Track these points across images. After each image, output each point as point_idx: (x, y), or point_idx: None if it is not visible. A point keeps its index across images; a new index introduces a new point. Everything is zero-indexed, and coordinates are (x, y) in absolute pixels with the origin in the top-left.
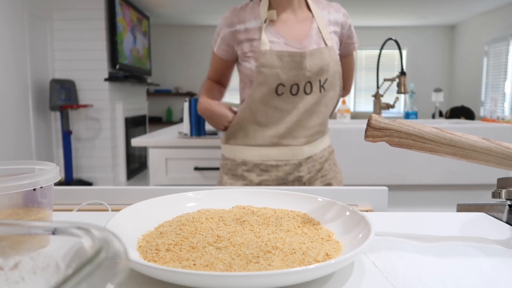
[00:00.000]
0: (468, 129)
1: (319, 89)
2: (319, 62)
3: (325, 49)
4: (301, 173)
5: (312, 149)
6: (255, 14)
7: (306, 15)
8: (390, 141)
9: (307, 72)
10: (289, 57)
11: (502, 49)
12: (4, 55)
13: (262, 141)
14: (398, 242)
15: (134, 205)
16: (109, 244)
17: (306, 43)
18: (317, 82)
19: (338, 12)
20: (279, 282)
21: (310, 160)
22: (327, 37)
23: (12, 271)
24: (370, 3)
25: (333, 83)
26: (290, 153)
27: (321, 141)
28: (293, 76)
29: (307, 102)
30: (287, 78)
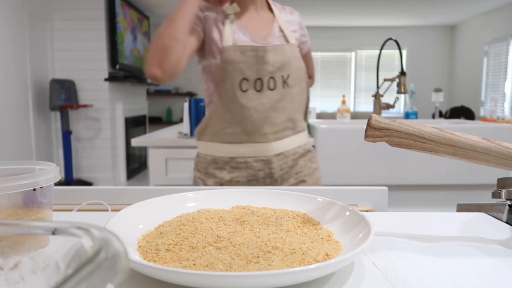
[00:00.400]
0: (468, 129)
1: (282, 85)
2: (281, 58)
3: (287, 45)
4: (272, 170)
5: (282, 146)
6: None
7: (268, 15)
8: (390, 141)
9: (270, 66)
10: (252, 52)
11: (502, 49)
12: (4, 55)
13: (230, 138)
14: (398, 242)
15: (134, 205)
16: (109, 244)
17: (269, 40)
18: (279, 78)
19: (293, 14)
20: (279, 282)
21: (281, 156)
22: (289, 35)
23: (12, 271)
24: (370, 3)
25: (296, 79)
26: (259, 150)
27: (294, 138)
28: (256, 70)
29: (271, 98)
30: (251, 73)
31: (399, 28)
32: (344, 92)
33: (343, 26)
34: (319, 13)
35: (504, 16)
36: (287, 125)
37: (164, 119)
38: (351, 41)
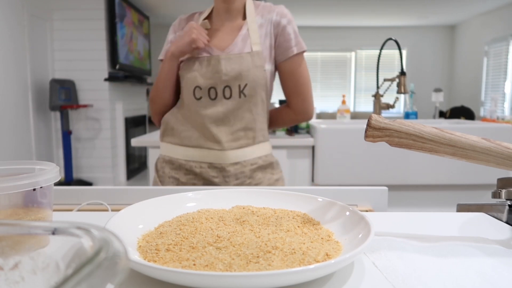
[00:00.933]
0: (468, 129)
1: (239, 94)
2: (237, 67)
3: (247, 54)
4: (227, 179)
5: (239, 155)
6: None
7: (239, 23)
8: (390, 141)
9: (224, 75)
10: (206, 61)
11: (502, 49)
12: (4, 55)
13: (187, 141)
14: (398, 242)
15: (134, 205)
16: (109, 244)
17: (228, 51)
18: (236, 87)
19: (271, 12)
20: (279, 282)
21: (238, 166)
22: (255, 41)
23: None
24: (370, 3)
25: (255, 89)
26: (213, 156)
27: (253, 148)
28: (210, 79)
29: (226, 106)
30: (204, 81)
31: (399, 28)
32: (344, 92)
33: (343, 26)
34: (319, 13)
35: (504, 16)
36: (245, 134)
37: None
38: (351, 41)
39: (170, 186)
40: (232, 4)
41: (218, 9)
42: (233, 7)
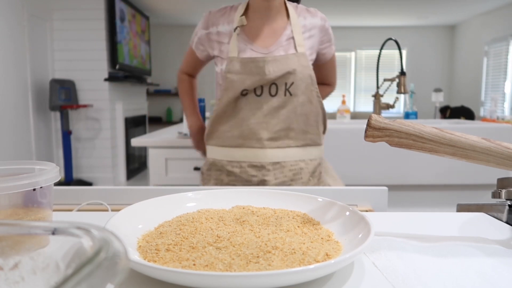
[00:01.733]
0: (468, 129)
1: (284, 92)
2: (283, 67)
3: (293, 55)
4: (266, 177)
5: (279, 154)
6: (229, 18)
7: (282, 22)
8: (390, 141)
9: (270, 75)
10: (252, 63)
11: (502, 49)
12: (4, 55)
13: (229, 141)
14: (398, 242)
15: (134, 205)
16: (109, 244)
17: (273, 49)
18: (283, 85)
19: (315, 16)
20: (279, 282)
21: (277, 166)
22: (299, 43)
23: (12, 271)
24: (370, 3)
25: (301, 88)
26: (253, 155)
27: (296, 150)
28: (257, 81)
29: (271, 104)
30: (251, 83)
31: (399, 28)
32: (344, 92)
33: (343, 26)
34: None
35: (504, 16)
36: (286, 134)
37: (164, 119)
38: (351, 41)
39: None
40: (273, 2)
41: (258, 7)
42: (273, 5)
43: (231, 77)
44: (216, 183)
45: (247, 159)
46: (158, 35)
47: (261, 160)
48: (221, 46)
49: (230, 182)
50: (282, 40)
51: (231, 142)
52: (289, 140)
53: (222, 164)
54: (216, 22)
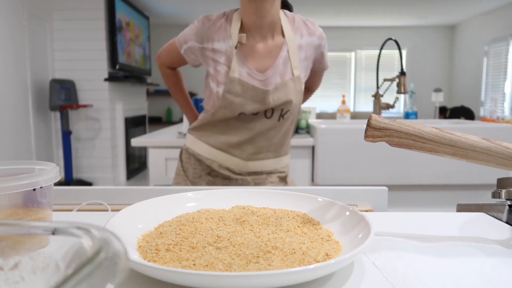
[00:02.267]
0: (468, 129)
1: (279, 117)
2: (283, 96)
3: (290, 80)
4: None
5: (257, 165)
6: (226, 34)
7: (277, 41)
8: (390, 141)
9: (270, 104)
10: (253, 91)
11: (502, 49)
12: (4, 55)
13: (214, 143)
14: (398, 242)
15: (134, 205)
16: (109, 244)
17: (269, 75)
18: (279, 111)
19: (312, 35)
20: (279, 282)
21: (255, 175)
22: (295, 65)
23: (12, 271)
24: (370, 3)
25: (293, 113)
26: (234, 163)
27: (273, 161)
28: (256, 108)
29: (263, 125)
30: (251, 109)
31: (399, 28)
32: (344, 92)
33: (343, 26)
34: (319, 13)
35: (504, 16)
36: (269, 150)
37: (164, 119)
38: (351, 41)
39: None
40: (265, 19)
41: (250, 24)
42: (265, 22)
43: (231, 98)
44: (195, 172)
45: (227, 165)
46: (158, 35)
47: (241, 169)
48: (216, 66)
49: (210, 173)
50: (278, 63)
51: (215, 144)
52: (268, 153)
53: (201, 159)
54: (211, 38)
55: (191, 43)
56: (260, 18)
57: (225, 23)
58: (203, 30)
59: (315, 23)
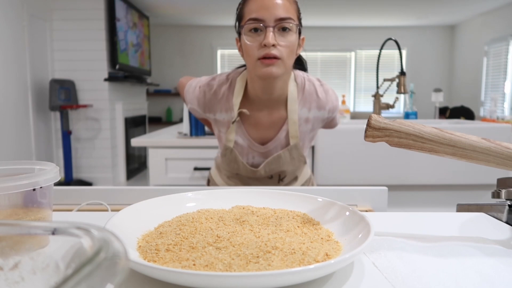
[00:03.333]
0: (468, 129)
1: (278, 180)
2: (275, 168)
3: (285, 151)
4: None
5: None
6: (228, 105)
7: (281, 115)
8: (390, 141)
9: (262, 175)
10: (243, 165)
11: (502, 49)
12: (4, 55)
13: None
14: (398, 242)
15: (134, 205)
16: (109, 244)
17: (270, 147)
18: (276, 176)
19: (322, 109)
20: (279, 282)
21: None
22: (293, 135)
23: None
24: (370, 3)
25: (292, 175)
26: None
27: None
28: (250, 177)
29: (265, 183)
30: (245, 175)
31: (399, 28)
32: (344, 92)
33: (343, 26)
34: (319, 13)
35: (504, 16)
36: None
37: (163, 119)
38: (351, 41)
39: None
40: (272, 95)
41: (256, 96)
42: (272, 98)
43: (226, 161)
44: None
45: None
46: (158, 35)
47: None
48: (219, 132)
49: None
50: (280, 136)
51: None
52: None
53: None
54: (213, 109)
55: (194, 107)
56: (267, 95)
57: (228, 92)
58: (205, 101)
59: (329, 90)
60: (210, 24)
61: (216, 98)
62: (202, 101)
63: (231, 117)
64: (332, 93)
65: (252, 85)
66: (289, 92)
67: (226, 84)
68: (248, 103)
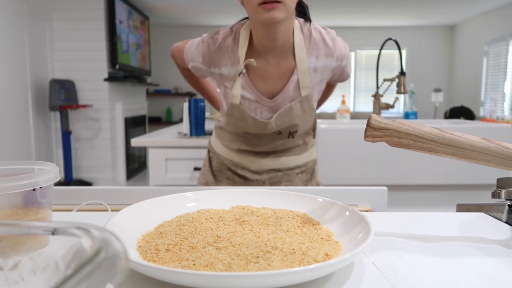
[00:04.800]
0: (467, 129)
1: (288, 135)
2: (287, 121)
3: (297, 103)
4: (261, 176)
5: (274, 163)
6: (233, 58)
7: (289, 64)
8: (390, 141)
9: (273, 129)
10: (253, 120)
11: (502, 49)
12: (4, 55)
13: (229, 145)
14: (398, 242)
15: (134, 205)
16: (109, 244)
17: (278, 100)
18: (286, 131)
19: (330, 56)
20: (279, 282)
21: (271, 170)
22: (304, 85)
23: (11, 271)
24: (370, 3)
25: (304, 130)
26: (250, 161)
27: (291, 158)
28: (260, 131)
29: (274, 139)
30: (254, 132)
31: (399, 28)
32: (344, 92)
33: (343, 26)
34: (319, 13)
35: (504, 16)
36: (285, 151)
37: (163, 119)
38: (351, 41)
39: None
40: (277, 42)
41: (261, 46)
42: (278, 44)
43: (233, 120)
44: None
45: (243, 162)
46: (158, 35)
47: (257, 167)
48: (225, 89)
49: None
50: (289, 88)
51: (230, 146)
52: (286, 153)
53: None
54: (218, 63)
55: (198, 64)
56: (272, 42)
57: (233, 44)
58: (209, 54)
59: (336, 38)
60: (210, 24)
61: (221, 51)
62: (207, 55)
63: (237, 70)
64: (340, 41)
65: (256, 34)
66: (296, 42)
67: (230, 36)
68: (254, 54)
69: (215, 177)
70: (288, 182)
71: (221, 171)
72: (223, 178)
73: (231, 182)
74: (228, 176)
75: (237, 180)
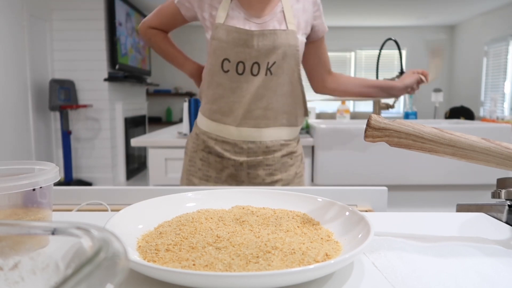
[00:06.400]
0: (467, 129)
1: (266, 71)
2: (269, 43)
3: (282, 32)
4: (239, 155)
5: (254, 135)
6: None
7: None
8: (390, 141)
9: (254, 51)
10: (236, 33)
11: (502, 49)
12: (4, 55)
13: (209, 114)
14: (398, 242)
15: (134, 205)
16: (109, 244)
17: (267, 19)
18: (264, 64)
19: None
20: (279, 282)
21: (252, 145)
22: (290, 20)
23: (11, 271)
24: (370, 3)
25: (283, 68)
26: (227, 132)
27: (273, 130)
28: (239, 52)
29: (252, 84)
30: (234, 54)
31: (399, 28)
32: None
33: (343, 26)
34: None
35: (504, 16)
36: (264, 114)
37: (163, 119)
38: (351, 41)
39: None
40: None
41: None
42: None
43: (215, 44)
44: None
45: (222, 135)
46: None
47: (235, 138)
48: (212, 11)
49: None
50: (276, 11)
51: (210, 115)
52: (267, 120)
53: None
54: None
55: None
56: None
57: None
58: None
59: None
60: None
61: None
62: None
63: None
64: None
65: None
66: None
67: None
68: None
69: (190, 161)
70: (268, 167)
71: (196, 151)
72: (197, 159)
73: (205, 164)
74: (202, 157)
75: (212, 161)
